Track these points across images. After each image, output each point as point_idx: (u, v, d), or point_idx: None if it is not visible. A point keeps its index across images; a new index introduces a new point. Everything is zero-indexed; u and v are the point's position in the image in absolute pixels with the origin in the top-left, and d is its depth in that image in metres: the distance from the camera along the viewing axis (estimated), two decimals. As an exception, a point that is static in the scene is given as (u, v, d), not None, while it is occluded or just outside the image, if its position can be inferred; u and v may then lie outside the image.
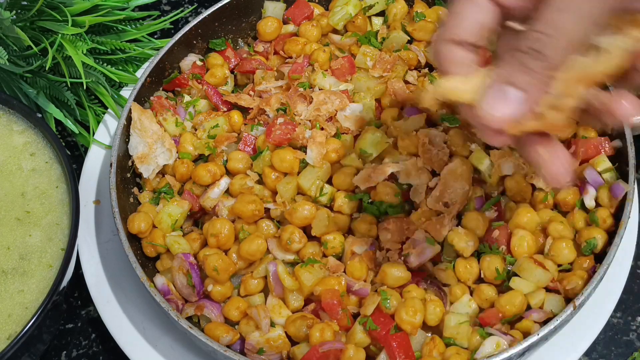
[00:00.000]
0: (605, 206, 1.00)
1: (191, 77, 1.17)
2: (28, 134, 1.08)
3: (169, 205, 1.05)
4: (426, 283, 0.97)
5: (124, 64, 1.27)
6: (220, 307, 0.99)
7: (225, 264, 0.98)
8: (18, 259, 0.98)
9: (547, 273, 0.95)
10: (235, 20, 1.22)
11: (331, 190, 1.03)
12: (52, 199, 1.03)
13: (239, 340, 0.97)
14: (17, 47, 1.17)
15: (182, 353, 1.02)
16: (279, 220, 1.04)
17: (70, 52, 1.15)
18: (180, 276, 1.00)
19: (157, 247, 1.04)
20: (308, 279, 0.96)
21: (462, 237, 0.97)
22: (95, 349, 1.10)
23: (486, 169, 1.03)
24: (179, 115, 1.14)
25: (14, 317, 0.94)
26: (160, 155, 1.09)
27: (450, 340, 0.94)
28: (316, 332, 0.92)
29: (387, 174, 1.01)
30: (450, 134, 1.04)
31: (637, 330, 1.08)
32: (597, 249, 0.98)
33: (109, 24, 1.25)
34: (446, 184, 1.00)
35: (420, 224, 0.99)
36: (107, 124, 1.21)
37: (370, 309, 0.94)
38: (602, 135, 1.05)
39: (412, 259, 0.97)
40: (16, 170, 1.05)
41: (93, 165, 1.17)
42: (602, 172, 1.02)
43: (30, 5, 1.18)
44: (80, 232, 1.02)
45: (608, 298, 1.02)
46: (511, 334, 0.92)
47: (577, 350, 1.00)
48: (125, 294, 1.07)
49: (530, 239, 0.98)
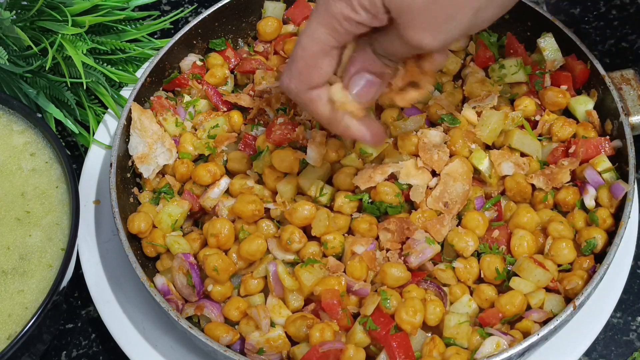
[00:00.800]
0: (605, 206, 1.00)
1: (191, 77, 1.17)
2: (28, 134, 1.08)
3: (169, 205, 1.05)
4: (426, 283, 0.97)
5: (124, 64, 1.27)
6: (220, 307, 0.99)
7: (225, 264, 0.98)
8: (18, 259, 0.98)
9: (547, 273, 0.95)
10: (235, 20, 1.22)
11: (331, 190, 1.03)
12: (52, 199, 1.03)
13: (239, 340, 0.97)
14: (17, 47, 1.17)
15: (182, 353, 1.02)
16: (279, 220, 1.04)
17: (70, 52, 1.15)
18: (180, 276, 1.00)
19: (157, 247, 1.04)
20: (308, 279, 0.96)
21: (462, 237, 0.97)
22: (95, 349, 1.10)
23: (486, 169, 1.03)
24: (179, 115, 1.14)
25: (14, 317, 0.94)
26: (160, 155, 1.09)
27: (450, 340, 0.94)
28: (316, 332, 0.92)
29: (387, 174, 1.01)
30: (450, 134, 1.04)
31: (637, 330, 1.08)
32: (597, 249, 0.98)
33: (109, 24, 1.25)
34: (446, 184, 1.00)
35: (420, 224, 0.99)
36: (107, 124, 1.21)
37: (370, 309, 0.94)
38: (602, 135, 1.06)
39: (412, 259, 0.97)
40: (16, 170, 1.05)
41: (93, 165, 1.17)
42: (602, 172, 1.02)
43: (30, 5, 1.18)
44: (80, 232, 1.02)
45: (608, 298, 1.02)
46: (511, 334, 0.92)
47: (577, 350, 1.00)
48: (125, 294, 1.07)
49: (530, 239, 0.98)
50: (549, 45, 1.12)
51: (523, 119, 1.07)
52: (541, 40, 1.12)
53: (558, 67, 1.12)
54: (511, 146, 1.05)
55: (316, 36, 0.81)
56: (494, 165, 1.02)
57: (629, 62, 1.30)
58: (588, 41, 1.31)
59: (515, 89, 1.11)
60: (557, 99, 1.08)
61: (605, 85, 1.06)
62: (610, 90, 1.06)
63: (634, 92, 1.07)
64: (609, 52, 1.31)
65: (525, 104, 1.08)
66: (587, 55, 1.09)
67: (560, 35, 1.12)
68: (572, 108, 1.10)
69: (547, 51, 1.11)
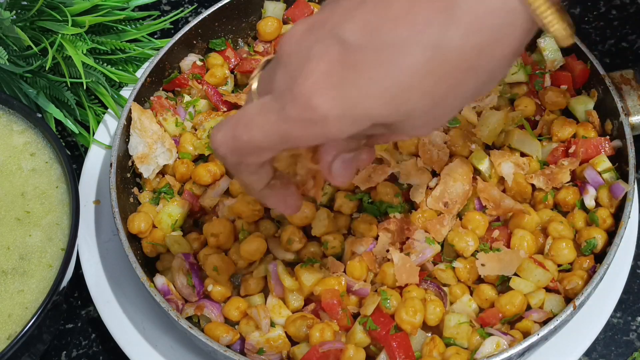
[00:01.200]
0: (605, 206, 1.00)
1: (191, 77, 1.17)
2: (28, 134, 1.08)
3: (169, 205, 1.05)
4: (426, 283, 0.97)
5: (124, 64, 1.27)
6: (220, 307, 0.99)
7: (225, 264, 0.98)
8: (18, 259, 0.98)
9: (547, 273, 0.95)
10: (235, 20, 1.22)
11: (331, 190, 1.03)
12: (52, 199, 1.03)
13: (239, 340, 0.97)
14: (17, 47, 1.17)
15: (182, 353, 1.02)
16: (278, 220, 1.04)
17: (70, 52, 1.15)
18: (180, 276, 1.00)
19: (157, 247, 1.04)
20: (308, 279, 0.96)
21: (462, 237, 0.97)
22: (95, 349, 1.10)
23: (486, 169, 1.03)
24: (179, 115, 1.14)
25: (14, 317, 0.94)
26: (160, 155, 1.09)
27: (450, 340, 0.94)
28: (316, 332, 0.92)
29: (387, 174, 1.01)
30: (450, 134, 1.04)
31: (637, 330, 1.08)
32: (597, 249, 0.98)
33: (109, 24, 1.25)
34: (446, 184, 1.00)
35: (420, 224, 0.99)
36: (107, 124, 1.21)
37: (370, 309, 0.94)
38: (602, 135, 1.06)
39: (412, 259, 0.97)
40: (16, 170, 1.05)
41: (93, 165, 1.17)
42: (602, 172, 1.02)
43: (30, 5, 1.18)
44: (80, 232, 1.02)
45: (608, 298, 1.02)
46: (511, 334, 0.92)
47: (577, 350, 1.00)
48: (125, 294, 1.07)
49: (530, 239, 0.98)
50: (549, 45, 1.12)
51: (523, 119, 1.07)
52: (541, 40, 1.12)
53: (558, 67, 1.12)
54: (511, 146, 1.05)
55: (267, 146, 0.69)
56: (494, 165, 1.02)
57: (629, 62, 1.30)
58: (588, 41, 1.31)
59: (515, 89, 1.11)
60: (557, 99, 1.08)
61: (605, 85, 1.06)
62: (610, 90, 1.06)
63: (634, 92, 1.07)
64: (609, 52, 1.31)
65: (525, 104, 1.08)
66: (587, 55, 1.09)
67: (560, 35, 1.12)
68: (572, 108, 1.10)
69: (547, 51, 1.11)
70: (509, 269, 0.95)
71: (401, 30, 0.62)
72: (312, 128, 0.64)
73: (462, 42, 0.62)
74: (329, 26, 0.64)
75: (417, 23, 0.61)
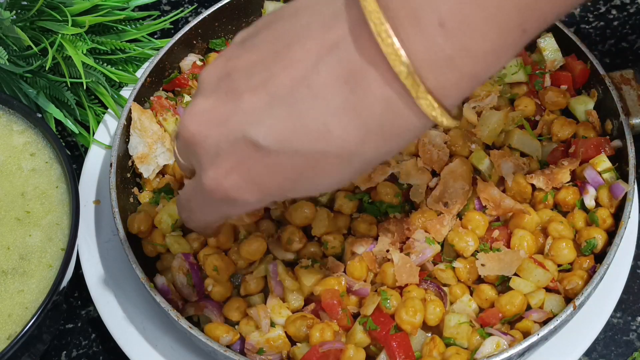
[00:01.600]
0: (605, 206, 1.00)
1: (191, 77, 1.17)
2: (28, 134, 1.08)
3: (169, 205, 1.05)
4: (426, 283, 0.97)
5: (124, 64, 1.27)
6: (220, 307, 0.99)
7: (225, 264, 0.98)
8: (18, 259, 0.98)
9: (547, 273, 0.95)
10: (235, 20, 1.22)
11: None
12: (52, 199, 1.03)
13: (239, 340, 0.97)
14: (17, 47, 1.17)
15: (182, 353, 1.02)
16: (279, 220, 1.04)
17: (70, 52, 1.15)
18: (180, 276, 1.00)
19: (157, 247, 1.04)
20: (308, 279, 0.96)
21: (462, 237, 0.97)
22: (95, 349, 1.10)
23: (486, 169, 1.03)
24: (179, 115, 1.14)
25: (14, 317, 0.94)
26: (161, 155, 1.09)
27: (450, 340, 0.94)
28: (316, 332, 0.92)
29: (387, 174, 1.01)
30: (450, 134, 1.04)
31: (637, 330, 1.08)
32: (597, 249, 0.98)
33: (109, 24, 1.25)
34: (446, 184, 1.00)
35: (420, 224, 0.99)
36: (107, 124, 1.21)
37: (370, 309, 0.94)
38: (602, 135, 1.06)
39: (412, 259, 0.97)
40: (16, 170, 1.05)
41: (93, 165, 1.17)
42: (602, 172, 1.02)
43: (30, 5, 1.18)
44: (80, 232, 1.02)
45: (608, 298, 1.02)
46: (511, 334, 0.92)
47: (577, 350, 1.00)
48: (125, 294, 1.07)
49: (530, 239, 0.98)
50: (549, 45, 1.12)
51: (523, 119, 1.07)
52: (541, 40, 1.12)
53: (558, 67, 1.12)
54: (511, 146, 1.05)
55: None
56: (494, 165, 1.02)
57: (629, 62, 1.30)
58: (588, 41, 1.31)
59: (515, 89, 1.11)
60: (557, 99, 1.08)
61: (605, 85, 1.06)
62: (610, 90, 1.06)
63: (634, 92, 1.07)
64: (609, 52, 1.31)
65: (525, 104, 1.08)
66: (587, 55, 1.09)
67: (560, 35, 1.12)
68: (572, 108, 1.10)
69: (547, 51, 1.11)
70: (509, 269, 0.95)
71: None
72: (234, 207, 0.73)
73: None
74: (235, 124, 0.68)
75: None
